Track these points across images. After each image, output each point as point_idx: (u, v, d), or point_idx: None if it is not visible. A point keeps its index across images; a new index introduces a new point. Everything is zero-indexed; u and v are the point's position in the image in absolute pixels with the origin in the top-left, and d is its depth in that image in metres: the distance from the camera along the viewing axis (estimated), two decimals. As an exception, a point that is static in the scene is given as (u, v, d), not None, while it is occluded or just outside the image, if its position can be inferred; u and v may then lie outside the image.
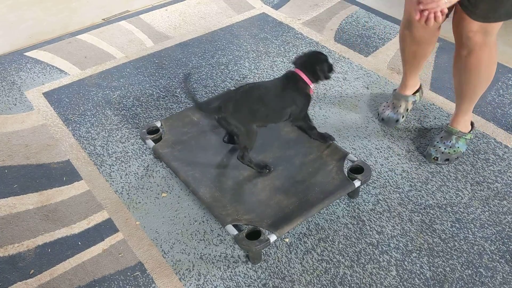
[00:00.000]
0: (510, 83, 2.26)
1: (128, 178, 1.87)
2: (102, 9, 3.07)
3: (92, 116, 2.17)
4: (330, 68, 1.75)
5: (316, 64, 1.71)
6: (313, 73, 1.71)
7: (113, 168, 1.91)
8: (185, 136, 1.87)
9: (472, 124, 1.94)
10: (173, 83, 2.36)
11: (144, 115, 2.16)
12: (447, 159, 1.85)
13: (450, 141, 1.87)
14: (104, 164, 1.92)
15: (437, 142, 1.89)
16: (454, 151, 1.86)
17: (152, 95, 2.28)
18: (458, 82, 1.82)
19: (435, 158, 1.85)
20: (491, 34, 1.62)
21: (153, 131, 1.89)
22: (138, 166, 1.92)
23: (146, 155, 1.96)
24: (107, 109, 2.21)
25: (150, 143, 1.85)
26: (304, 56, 1.74)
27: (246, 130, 1.63)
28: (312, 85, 1.72)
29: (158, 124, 1.93)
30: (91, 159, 1.95)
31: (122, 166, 1.92)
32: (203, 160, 1.77)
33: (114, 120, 2.14)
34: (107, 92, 2.31)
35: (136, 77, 2.42)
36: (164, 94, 2.29)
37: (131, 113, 2.18)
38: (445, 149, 1.86)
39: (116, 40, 2.72)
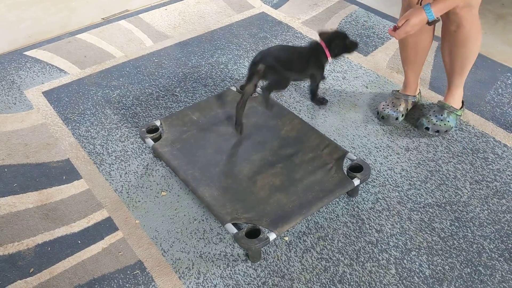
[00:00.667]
0: (509, 82, 2.26)
1: (128, 177, 1.87)
2: (101, 9, 3.07)
3: (92, 115, 2.17)
4: (353, 45, 1.99)
5: (335, 41, 1.95)
6: (332, 49, 1.95)
7: (112, 167, 1.91)
8: (184, 135, 1.87)
9: (462, 102, 2.05)
10: (173, 82, 2.36)
11: (144, 114, 2.17)
12: (438, 131, 1.98)
13: (442, 115, 1.99)
14: (103, 163, 1.92)
15: (430, 115, 2.02)
16: (445, 124, 1.97)
17: (151, 94, 2.29)
18: (448, 57, 1.91)
19: (427, 128, 1.98)
20: (475, 7, 1.74)
21: (153, 130, 1.89)
22: (138, 165, 1.92)
23: (145, 154, 1.96)
24: (106, 108, 2.21)
25: (150, 142, 1.85)
26: (329, 33, 1.98)
27: (283, 77, 1.88)
28: (330, 59, 1.96)
29: (158, 123, 1.93)
30: (90, 158, 1.95)
31: (122, 165, 1.92)
32: (202, 159, 1.77)
33: (114, 119, 2.14)
34: (107, 91, 2.32)
35: (136, 76, 2.42)
36: (163, 93, 2.29)
37: (130, 112, 2.18)
38: (436, 121, 1.98)
39: (115, 40, 2.72)
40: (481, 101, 2.15)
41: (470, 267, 1.51)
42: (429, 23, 1.64)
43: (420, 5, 1.69)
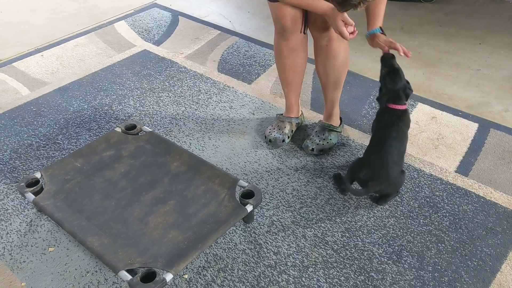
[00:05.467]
0: (381, 95, 2.45)
1: (10, 237, 1.73)
2: (-31, 60, 2.86)
3: (-37, 176, 1.99)
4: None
5: None
6: None
7: (-10, 229, 1.75)
8: (67, 184, 1.78)
9: (341, 119, 2.18)
10: (54, 130, 2.24)
11: (24, 167, 2.03)
12: (322, 150, 2.07)
13: (324, 134, 2.10)
14: (-21, 226, 1.76)
15: (313, 136, 2.11)
16: (327, 142, 2.08)
17: (31, 145, 2.15)
18: (324, 72, 2.03)
19: (312, 150, 2.06)
20: None
21: (33, 183, 1.77)
22: (20, 222, 1.78)
23: (28, 210, 1.83)
24: (-20, 166, 2.04)
25: (30, 196, 1.72)
26: None
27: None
28: None
29: (38, 175, 1.82)
30: (-36, 223, 1.78)
31: (2, 225, 1.77)
32: (89, 207, 1.69)
33: (-11, 176, 1.98)
34: (-21, 147, 2.14)
35: (13, 128, 2.27)
36: (44, 142, 2.16)
37: (8, 167, 2.03)
38: (319, 141, 2.07)
39: (-13, 91, 2.54)
40: (358, 116, 2.30)
41: (363, 274, 1.58)
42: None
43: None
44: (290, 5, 1.79)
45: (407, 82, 1.78)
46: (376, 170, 1.74)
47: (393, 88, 1.74)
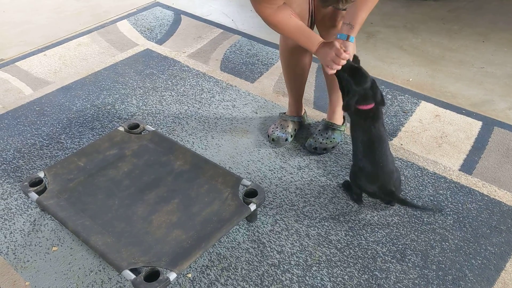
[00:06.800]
0: (384, 94, 2.44)
1: (14, 236, 1.73)
2: (-28, 60, 2.87)
3: (-33, 175, 1.99)
4: None
5: None
6: None
7: (-6, 228, 1.76)
8: (71, 183, 1.78)
9: (344, 118, 2.17)
10: (57, 129, 2.24)
11: (27, 167, 2.03)
12: (325, 149, 2.05)
13: (327, 133, 2.09)
14: (-17, 226, 1.76)
15: (316, 134, 2.10)
16: (331, 141, 2.07)
17: (34, 145, 2.15)
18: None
19: (315, 148, 2.05)
20: None
21: (36, 182, 1.77)
22: (24, 222, 1.78)
23: (32, 209, 1.83)
24: (-17, 165, 2.04)
25: (33, 195, 1.73)
26: None
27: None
28: None
29: (42, 174, 1.82)
30: (-33, 223, 1.78)
31: (6, 224, 1.78)
32: (92, 206, 1.69)
33: (-7, 176, 1.99)
34: (-17, 147, 2.15)
35: (16, 128, 2.27)
36: (47, 142, 2.17)
37: (12, 166, 2.04)
38: (322, 140, 2.06)
39: (-10, 91, 2.54)
40: (361, 114, 2.30)
41: (367, 273, 1.57)
42: None
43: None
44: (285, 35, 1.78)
45: (373, 80, 1.69)
46: (388, 181, 1.69)
47: (360, 87, 1.64)
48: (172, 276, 1.44)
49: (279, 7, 1.65)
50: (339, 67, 1.65)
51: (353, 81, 1.65)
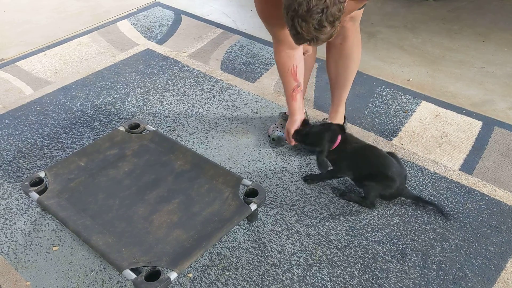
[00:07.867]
0: (384, 94, 2.44)
1: (14, 236, 1.73)
2: (-28, 60, 2.87)
3: (-33, 175, 1.99)
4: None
5: None
6: None
7: (-5, 228, 1.76)
8: (72, 183, 1.78)
9: (344, 117, 2.18)
10: (58, 129, 2.25)
11: (28, 167, 2.03)
12: None
13: None
14: (-16, 226, 1.77)
15: None
16: None
17: (35, 145, 2.15)
18: (335, 71, 2.00)
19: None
20: (357, 20, 1.86)
21: (37, 182, 1.77)
22: (25, 221, 1.79)
23: (32, 209, 1.83)
24: (-16, 165, 2.04)
25: (34, 195, 1.73)
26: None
27: None
28: None
29: (42, 174, 1.82)
30: (-32, 222, 1.78)
31: (7, 224, 1.78)
32: (93, 206, 1.69)
33: (-7, 176, 1.99)
34: (-16, 147, 2.15)
35: (17, 128, 2.27)
36: (48, 142, 2.17)
37: (12, 166, 2.04)
38: None
39: (-10, 91, 2.55)
40: (361, 114, 2.30)
41: (367, 273, 1.58)
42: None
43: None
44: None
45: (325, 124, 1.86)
46: (402, 181, 1.76)
47: (323, 134, 1.78)
48: (173, 275, 1.44)
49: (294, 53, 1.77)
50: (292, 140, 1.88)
51: (313, 134, 1.81)
